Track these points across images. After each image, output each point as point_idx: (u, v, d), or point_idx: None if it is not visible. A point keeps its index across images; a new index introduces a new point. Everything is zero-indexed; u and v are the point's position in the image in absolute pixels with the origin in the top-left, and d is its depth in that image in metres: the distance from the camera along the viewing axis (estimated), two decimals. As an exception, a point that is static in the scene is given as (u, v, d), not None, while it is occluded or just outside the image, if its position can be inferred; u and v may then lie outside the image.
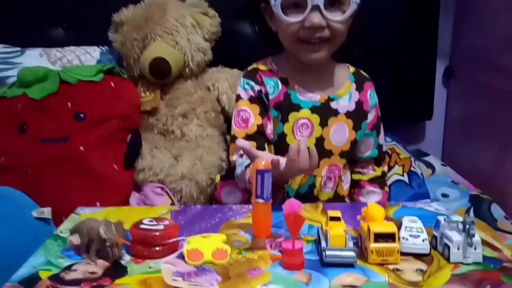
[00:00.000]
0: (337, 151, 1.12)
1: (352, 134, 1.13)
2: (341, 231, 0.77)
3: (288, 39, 1.07)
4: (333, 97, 1.12)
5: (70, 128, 1.33)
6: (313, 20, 1.00)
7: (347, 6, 1.02)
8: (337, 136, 1.11)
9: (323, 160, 1.10)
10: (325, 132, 1.10)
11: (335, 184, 1.14)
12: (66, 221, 0.91)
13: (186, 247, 0.78)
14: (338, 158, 1.13)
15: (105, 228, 0.74)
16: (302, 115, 1.09)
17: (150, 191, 1.35)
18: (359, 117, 1.14)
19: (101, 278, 0.71)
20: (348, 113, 1.12)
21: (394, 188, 1.46)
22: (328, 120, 1.10)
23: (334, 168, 1.13)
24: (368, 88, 1.16)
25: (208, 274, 0.72)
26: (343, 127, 1.12)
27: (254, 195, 0.83)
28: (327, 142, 1.10)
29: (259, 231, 0.85)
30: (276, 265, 0.75)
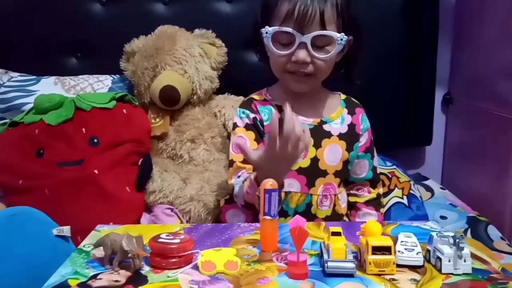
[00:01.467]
0: (331, 171, 1.19)
1: (345, 155, 1.20)
2: (342, 244, 0.84)
3: (277, 69, 1.18)
4: (325, 120, 1.20)
5: (85, 152, 1.40)
6: (299, 56, 1.10)
7: (332, 47, 1.11)
8: (331, 156, 1.19)
9: (318, 179, 1.18)
10: (319, 152, 1.18)
11: (331, 202, 1.20)
12: (88, 237, 0.98)
13: (200, 259, 0.85)
14: (333, 177, 1.20)
15: (127, 241, 0.82)
16: None
17: (161, 212, 1.42)
18: (351, 138, 1.22)
19: (124, 285, 0.78)
20: (341, 135, 1.20)
21: (394, 210, 1.52)
22: (322, 142, 1.18)
23: (329, 187, 1.20)
24: (359, 112, 1.24)
25: (221, 282, 0.79)
26: (336, 148, 1.19)
27: (262, 212, 0.90)
28: (322, 162, 1.18)
29: (266, 245, 0.92)
30: (282, 275, 0.82)
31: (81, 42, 1.71)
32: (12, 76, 1.63)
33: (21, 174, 1.38)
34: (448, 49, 1.89)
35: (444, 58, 1.87)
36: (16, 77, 1.64)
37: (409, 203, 1.57)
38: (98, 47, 1.71)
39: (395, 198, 1.55)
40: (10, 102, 1.59)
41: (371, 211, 1.27)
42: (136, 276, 0.82)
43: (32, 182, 1.37)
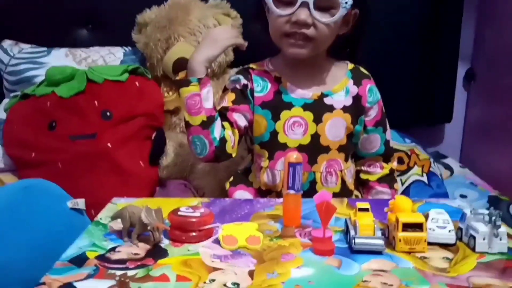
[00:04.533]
0: (335, 146, 1.13)
1: (350, 128, 1.13)
2: (370, 220, 0.80)
3: (275, 32, 1.10)
4: (327, 93, 1.12)
5: (97, 126, 1.37)
6: (299, 16, 1.03)
7: (336, 11, 1.04)
8: (333, 131, 1.11)
9: (320, 156, 1.12)
10: (320, 128, 1.11)
11: (337, 178, 1.15)
12: (104, 209, 0.95)
13: (221, 233, 0.82)
14: (336, 153, 1.14)
15: (146, 214, 0.79)
16: (294, 113, 1.10)
17: (174, 187, 1.39)
18: (356, 111, 1.13)
19: (144, 258, 0.75)
20: (345, 107, 1.12)
21: (414, 188, 1.48)
22: (323, 116, 1.11)
23: (333, 163, 1.13)
24: (366, 84, 1.16)
25: (244, 257, 0.76)
26: (339, 122, 1.12)
27: (286, 186, 0.87)
28: (323, 138, 1.12)
29: (289, 220, 0.89)
30: (307, 251, 0.79)
31: (92, 13, 1.67)
32: (22, 47, 1.60)
33: (34, 147, 1.36)
34: (472, 22, 1.82)
35: (468, 32, 1.80)
36: (27, 48, 1.60)
37: (429, 181, 1.53)
38: (109, 18, 1.67)
39: (414, 176, 1.51)
40: (21, 74, 1.56)
41: (384, 189, 1.22)
42: (156, 249, 0.79)
43: (45, 156, 1.35)
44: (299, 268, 0.73)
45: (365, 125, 1.18)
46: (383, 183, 1.22)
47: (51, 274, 0.70)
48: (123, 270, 0.71)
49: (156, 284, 0.67)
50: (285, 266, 0.73)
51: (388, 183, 1.23)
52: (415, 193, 1.47)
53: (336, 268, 0.73)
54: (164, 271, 0.71)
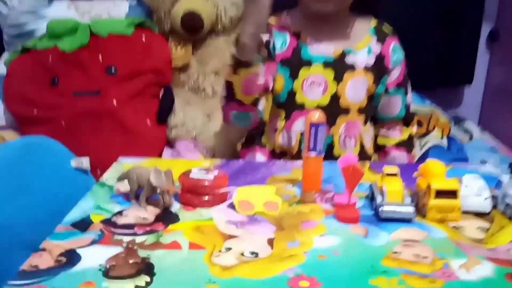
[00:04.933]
0: (355, 108, 1.06)
1: (371, 89, 1.06)
2: (399, 186, 0.74)
3: None
4: (348, 51, 1.04)
5: (102, 82, 1.32)
6: None
7: None
8: (354, 92, 1.05)
9: (340, 117, 1.05)
10: (340, 88, 1.04)
11: (356, 142, 1.08)
12: (110, 169, 0.89)
13: (236, 197, 0.75)
14: (356, 115, 1.07)
15: (155, 176, 0.72)
16: (313, 71, 1.03)
17: (183, 148, 1.34)
18: (379, 71, 1.06)
19: (153, 223, 0.69)
20: (367, 67, 1.05)
21: (433, 153, 1.42)
22: (344, 75, 1.03)
23: (352, 126, 1.07)
24: (390, 42, 1.08)
25: (261, 224, 0.70)
26: (360, 82, 1.05)
27: (307, 148, 0.80)
28: (343, 98, 1.04)
29: (309, 185, 0.82)
30: (329, 218, 0.73)
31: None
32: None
33: (36, 103, 1.31)
34: (498, -22, 1.73)
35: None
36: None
37: (448, 146, 1.47)
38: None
39: (433, 140, 1.45)
40: (21, 27, 1.48)
41: (402, 154, 1.15)
42: (166, 213, 0.73)
43: (48, 112, 1.30)
44: (322, 237, 0.67)
45: (386, 87, 1.10)
46: (401, 148, 1.16)
47: (52, 239, 0.65)
48: (131, 236, 0.65)
49: (167, 252, 0.62)
50: (307, 235, 0.67)
51: (406, 149, 1.16)
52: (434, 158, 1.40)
53: (363, 237, 0.67)
54: (176, 238, 0.65)
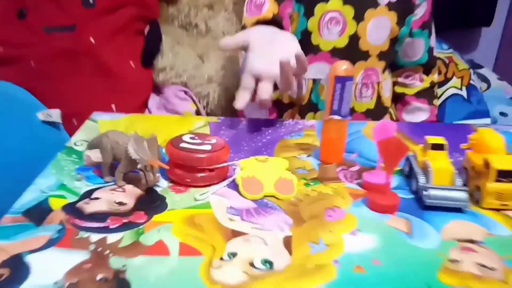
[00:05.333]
0: (375, 52, 0.91)
1: (395, 31, 0.91)
2: (447, 163, 0.58)
3: None
4: None
5: (77, 15, 1.13)
6: None
7: None
8: (376, 33, 0.90)
9: (358, 63, 0.91)
10: (360, 28, 0.89)
11: (374, 92, 0.94)
12: (80, 129, 0.72)
13: (240, 173, 0.59)
14: (376, 60, 0.92)
15: (135, 145, 0.55)
16: (331, 6, 0.88)
17: (172, 94, 1.17)
18: (404, 9, 0.91)
19: (133, 212, 0.53)
20: (391, 4, 0.89)
21: (451, 104, 1.28)
22: (365, 13, 0.88)
23: (371, 73, 0.93)
24: None
25: (274, 213, 0.54)
26: (383, 22, 0.90)
27: (329, 108, 0.63)
28: (363, 41, 0.89)
29: (328, 155, 0.66)
30: (359, 204, 0.57)
31: None
32: None
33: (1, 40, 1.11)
34: None
35: None
36: None
37: (468, 96, 1.31)
38: None
39: (452, 89, 1.29)
40: None
41: (422, 105, 1.02)
42: (150, 196, 0.56)
43: (14, 51, 1.13)
44: (353, 235, 0.51)
45: (410, 27, 0.95)
46: (421, 98, 1.02)
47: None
48: (101, 232, 0.49)
49: (149, 261, 0.46)
50: (334, 231, 0.51)
51: (427, 99, 1.02)
52: (452, 110, 1.27)
53: (407, 236, 0.52)
54: (162, 236, 0.49)
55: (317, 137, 0.75)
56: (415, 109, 1.03)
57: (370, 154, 0.69)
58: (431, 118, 1.03)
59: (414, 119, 1.02)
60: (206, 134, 0.63)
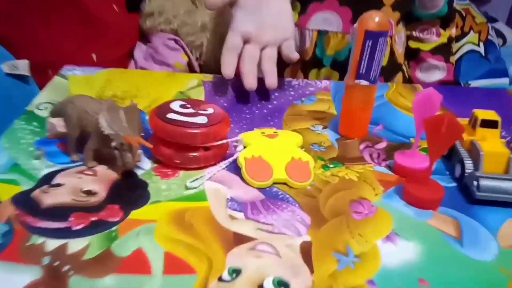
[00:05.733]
0: (389, 1, 0.80)
1: None
2: (502, 146, 0.46)
3: None
4: None
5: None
6: None
7: None
8: None
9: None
10: None
11: (386, 46, 0.82)
12: (46, 88, 0.59)
13: (243, 152, 0.47)
14: (390, 10, 0.81)
15: (108, 117, 0.43)
16: None
17: (161, 43, 1.04)
18: None
19: (104, 205, 0.41)
20: None
21: (466, 61, 1.16)
22: None
23: None
24: None
25: (287, 208, 0.42)
26: None
27: (354, 71, 0.51)
28: None
29: (350, 128, 0.54)
30: (391, 196, 0.45)
31: None
32: None
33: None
34: None
35: None
36: None
37: (485, 53, 1.19)
38: None
39: (468, 45, 1.17)
40: None
41: (438, 63, 0.90)
42: (128, 181, 0.44)
43: None
44: (390, 241, 0.40)
45: None
46: (437, 54, 0.90)
47: None
48: (61, 236, 0.37)
49: (124, 281, 0.34)
50: (364, 235, 0.40)
51: (444, 56, 0.90)
52: (468, 67, 1.15)
53: (456, 242, 0.40)
54: (141, 242, 0.37)
55: (333, 102, 0.63)
56: (431, 67, 0.91)
57: (398, 127, 0.57)
58: (448, 78, 0.92)
59: (429, 78, 0.91)
60: (200, 101, 0.51)
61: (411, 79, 0.92)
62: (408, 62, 0.92)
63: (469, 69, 1.14)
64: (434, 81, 0.93)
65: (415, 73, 0.92)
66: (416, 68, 0.92)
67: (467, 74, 1.13)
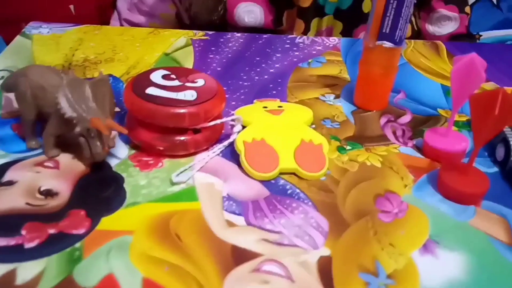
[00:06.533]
0: None
1: None
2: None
3: None
4: None
5: None
6: None
7: None
8: None
9: None
10: None
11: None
12: (5, 50, 0.49)
13: (242, 134, 0.38)
14: None
15: (69, 95, 0.34)
16: None
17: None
18: None
19: (67, 210, 0.32)
20: None
21: (476, 11, 1.07)
22: None
23: None
24: None
25: (298, 208, 0.34)
26: None
27: (375, 30, 0.41)
28: None
29: (368, 98, 0.45)
30: (423, 186, 0.37)
31: None
32: None
33: None
34: None
35: None
36: None
37: (497, 1, 1.11)
38: None
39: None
40: None
41: (450, 14, 0.81)
42: (98, 176, 0.36)
43: None
44: (428, 252, 0.32)
45: None
46: (450, 3, 0.80)
47: None
48: (9, 259, 0.29)
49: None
50: (396, 245, 0.32)
51: (457, 5, 0.81)
52: (479, 17, 1.06)
53: (507, 249, 0.32)
54: (112, 266, 0.29)
55: (345, 64, 0.53)
56: (442, 18, 0.82)
57: (422, 95, 0.49)
58: (460, 30, 0.84)
59: (440, 31, 0.82)
60: (187, 70, 0.41)
61: (420, 32, 0.83)
62: (419, 13, 0.84)
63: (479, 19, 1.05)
64: (445, 34, 0.85)
65: (425, 24, 0.83)
66: (427, 19, 0.83)
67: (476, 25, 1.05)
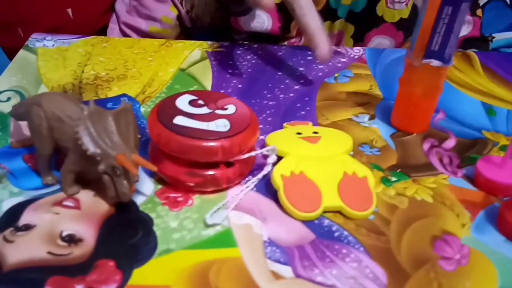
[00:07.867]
0: None
1: None
2: None
3: None
4: None
5: None
6: None
7: None
8: None
9: None
10: None
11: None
12: (9, 67, 0.45)
13: (278, 166, 0.35)
14: None
15: (92, 127, 0.30)
16: None
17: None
18: None
19: (94, 260, 0.28)
20: None
21: (489, 10, 1.04)
22: None
23: None
24: None
25: (350, 256, 0.31)
26: None
27: (422, 47, 0.38)
28: None
29: (408, 120, 0.42)
30: (481, 225, 0.34)
31: None
32: None
33: None
34: None
35: None
36: None
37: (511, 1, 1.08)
38: None
39: (493, -9, 1.05)
40: None
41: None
42: (124, 218, 0.32)
43: None
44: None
45: None
46: None
47: None
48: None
49: None
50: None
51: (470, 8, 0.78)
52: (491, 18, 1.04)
53: None
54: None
55: (374, 79, 0.50)
56: None
57: (463, 114, 0.45)
58: (474, 33, 0.80)
59: None
60: (215, 94, 0.37)
61: None
62: None
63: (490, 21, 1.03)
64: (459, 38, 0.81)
65: None
66: None
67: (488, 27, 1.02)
